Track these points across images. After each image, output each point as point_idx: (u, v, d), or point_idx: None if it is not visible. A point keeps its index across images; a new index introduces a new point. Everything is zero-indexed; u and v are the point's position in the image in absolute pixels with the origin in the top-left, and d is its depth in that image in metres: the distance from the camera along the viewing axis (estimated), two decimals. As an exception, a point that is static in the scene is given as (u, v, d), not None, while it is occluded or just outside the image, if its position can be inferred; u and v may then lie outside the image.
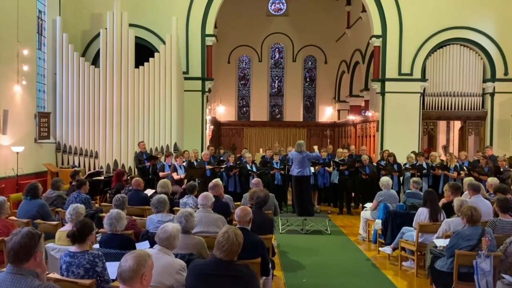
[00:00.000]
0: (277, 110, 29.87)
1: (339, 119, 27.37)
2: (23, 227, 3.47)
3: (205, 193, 6.64)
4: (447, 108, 16.81)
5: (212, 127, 23.23)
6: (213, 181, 7.96)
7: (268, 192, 7.40)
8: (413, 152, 13.49)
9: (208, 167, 12.61)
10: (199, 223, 6.04)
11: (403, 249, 8.05)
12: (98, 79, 14.80)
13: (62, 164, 14.73)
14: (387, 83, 16.44)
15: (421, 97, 16.56)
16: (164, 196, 6.68)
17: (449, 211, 7.41)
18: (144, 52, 15.61)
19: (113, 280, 4.36)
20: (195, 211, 5.97)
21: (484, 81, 16.81)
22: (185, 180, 11.68)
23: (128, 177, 11.64)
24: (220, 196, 7.75)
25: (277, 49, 29.71)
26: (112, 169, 14.45)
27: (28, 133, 13.12)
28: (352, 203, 13.83)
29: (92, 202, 8.99)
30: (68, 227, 5.62)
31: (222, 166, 12.84)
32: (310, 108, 29.77)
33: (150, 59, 15.03)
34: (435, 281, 6.48)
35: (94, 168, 14.57)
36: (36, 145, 13.57)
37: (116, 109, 14.78)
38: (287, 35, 28.61)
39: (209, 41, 16.48)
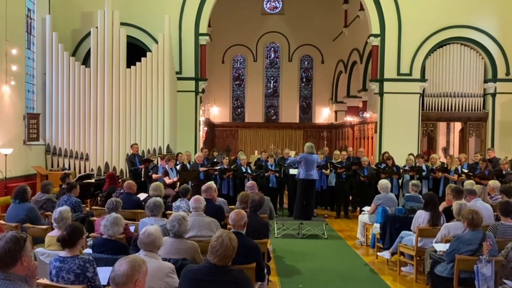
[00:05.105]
0: (272, 111, 29.65)
1: (336, 120, 27.26)
2: (8, 231, 3.47)
3: (196, 196, 6.65)
4: (447, 109, 16.62)
5: (206, 128, 23.15)
6: (206, 184, 7.96)
7: (263, 195, 7.38)
8: (411, 154, 13.22)
9: (202, 169, 12.44)
10: (192, 228, 6.02)
11: (402, 254, 7.95)
12: (88, 79, 14.63)
13: (52, 166, 14.59)
14: (385, 83, 16.25)
15: (421, 98, 16.39)
16: (160, 199, 6.72)
17: (450, 215, 7.30)
18: (136, 51, 15.43)
19: (104, 286, 4.31)
20: (188, 215, 5.91)
21: (485, 81, 16.63)
22: (178, 183, 11.47)
23: (120, 180, 11.52)
24: (213, 199, 7.72)
25: (272, 49, 29.49)
26: (103, 171, 14.36)
27: (17, 134, 13.02)
28: (350, 207, 13.68)
29: (83, 205, 9.03)
30: (56, 232, 5.58)
31: (216, 168, 12.67)
32: (306, 109, 29.57)
33: (142, 58, 14.88)
34: (435, 287, 6.39)
35: (85, 171, 14.46)
36: (25, 147, 13.44)
37: (107, 110, 14.60)
38: (283, 34, 28.41)
39: (203, 40, 16.29)
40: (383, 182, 9.64)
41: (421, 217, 7.44)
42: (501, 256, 5.69)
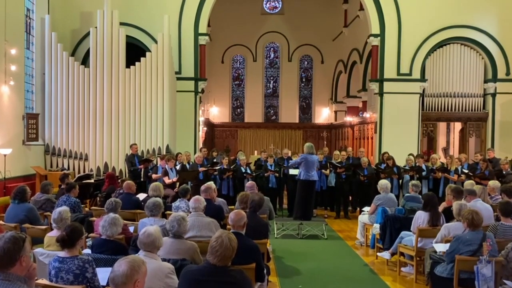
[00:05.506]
0: (272, 111, 29.57)
1: (336, 120, 27.18)
2: (7, 231, 3.51)
3: (196, 196, 6.65)
4: (447, 109, 16.57)
5: (205, 128, 23.07)
6: (205, 184, 7.94)
7: (263, 195, 7.35)
8: (411, 154, 13.19)
9: (201, 169, 12.41)
10: (191, 228, 6.01)
11: (402, 254, 7.95)
12: (88, 79, 14.58)
13: (51, 166, 14.53)
14: (385, 83, 16.20)
15: (421, 98, 16.34)
16: (159, 199, 6.68)
17: (450, 215, 7.27)
18: (135, 51, 15.39)
19: (104, 286, 4.33)
20: (188, 215, 5.91)
21: (485, 81, 16.58)
22: (178, 184, 11.45)
23: (119, 180, 11.47)
24: (213, 199, 7.69)
25: (272, 49, 29.41)
26: (103, 172, 14.31)
27: (16, 135, 12.96)
28: (350, 207, 13.64)
29: (82, 205, 8.97)
30: (55, 232, 5.55)
31: (216, 168, 12.65)
32: (306, 109, 29.49)
33: (142, 58, 14.82)
34: (435, 287, 6.36)
35: (84, 171, 14.42)
36: (24, 147, 13.38)
37: (106, 110, 14.55)
38: (282, 34, 28.33)
39: (202, 40, 16.23)
40: (383, 183, 9.62)
41: (420, 218, 7.43)
42: (501, 257, 5.67)
